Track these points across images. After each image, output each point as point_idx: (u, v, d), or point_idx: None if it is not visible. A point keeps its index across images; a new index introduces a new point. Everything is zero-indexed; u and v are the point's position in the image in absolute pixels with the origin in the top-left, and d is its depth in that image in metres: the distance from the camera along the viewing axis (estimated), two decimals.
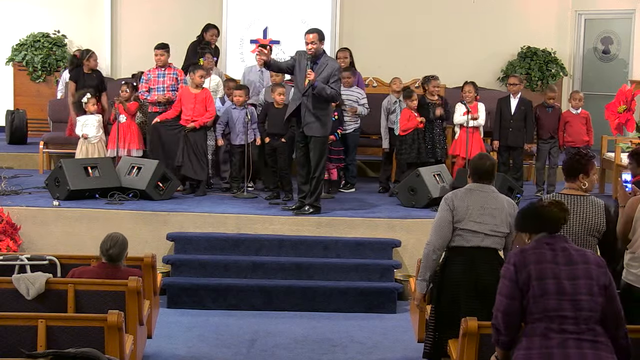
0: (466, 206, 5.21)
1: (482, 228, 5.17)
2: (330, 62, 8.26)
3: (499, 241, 5.21)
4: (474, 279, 5.16)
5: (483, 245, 5.18)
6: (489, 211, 5.18)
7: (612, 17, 13.29)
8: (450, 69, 12.03)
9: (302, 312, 7.59)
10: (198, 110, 9.20)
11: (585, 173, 5.11)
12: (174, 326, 7.08)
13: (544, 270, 3.77)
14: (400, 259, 8.16)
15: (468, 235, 5.20)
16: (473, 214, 5.19)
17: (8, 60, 12.79)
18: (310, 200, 8.35)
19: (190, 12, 12.98)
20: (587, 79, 13.43)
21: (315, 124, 8.14)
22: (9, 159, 10.93)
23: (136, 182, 8.87)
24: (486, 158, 5.39)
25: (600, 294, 3.72)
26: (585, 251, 3.89)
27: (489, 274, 5.12)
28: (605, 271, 3.78)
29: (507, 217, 5.18)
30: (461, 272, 5.19)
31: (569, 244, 3.90)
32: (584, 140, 9.58)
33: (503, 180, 8.83)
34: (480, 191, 5.26)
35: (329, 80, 8.08)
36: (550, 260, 3.78)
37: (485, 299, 5.09)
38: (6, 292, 5.34)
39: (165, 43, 9.60)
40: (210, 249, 8.05)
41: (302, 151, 8.34)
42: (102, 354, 4.71)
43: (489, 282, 5.10)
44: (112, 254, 5.61)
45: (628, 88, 9.64)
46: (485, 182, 5.30)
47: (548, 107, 9.74)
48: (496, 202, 5.21)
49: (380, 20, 13.03)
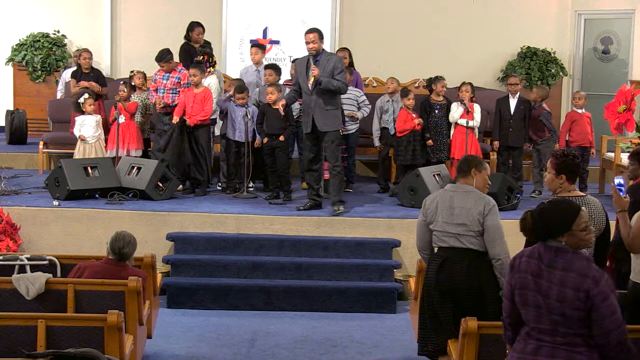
0: (435, 207, 5.27)
1: (452, 228, 5.19)
2: (331, 56, 8.41)
3: (475, 241, 5.16)
4: (443, 279, 5.18)
5: (457, 245, 5.18)
6: (458, 211, 5.19)
7: (612, 17, 13.29)
8: (450, 69, 12.01)
9: (302, 312, 7.59)
10: (196, 109, 9.20)
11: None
12: (173, 326, 7.08)
13: (527, 282, 3.77)
14: (400, 259, 8.17)
15: (441, 235, 5.25)
16: (442, 215, 5.23)
17: (8, 60, 12.79)
18: (337, 197, 8.45)
19: (190, 12, 12.94)
20: (586, 79, 13.43)
21: (329, 119, 8.25)
22: (8, 159, 10.93)
23: (136, 182, 8.88)
24: (465, 155, 5.61)
25: (580, 306, 3.64)
26: (574, 258, 3.70)
27: (461, 275, 5.13)
28: (589, 279, 3.62)
29: (475, 215, 5.15)
30: (433, 273, 5.25)
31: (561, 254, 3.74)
32: (589, 140, 9.52)
33: (503, 180, 8.83)
34: (452, 191, 5.29)
35: (334, 73, 8.19)
36: (534, 272, 3.75)
37: (456, 300, 5.11)
38: (6, 292, 5.34)
39: (162, 52, 9.45)
40: (210, 249, 8.05)
41: (313, 151, 8.41)
42: (102, 354, 4.71)
43: (460, 283, 5.12)
44: (125, 252, 5.64)
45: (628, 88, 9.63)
46: (462, 178, 5.31)
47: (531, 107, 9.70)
48: (465, 201, 5.20)
49: (380, 20, 13.02)
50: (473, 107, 9.57)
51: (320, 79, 8.10)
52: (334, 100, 8.31)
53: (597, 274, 3.64)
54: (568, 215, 3.75)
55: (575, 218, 3.74)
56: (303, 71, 8.30)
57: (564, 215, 3.75)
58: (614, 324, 3.59)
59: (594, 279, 3.62)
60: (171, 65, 9.50)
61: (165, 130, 9.42)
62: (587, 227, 3.76)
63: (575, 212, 3.75)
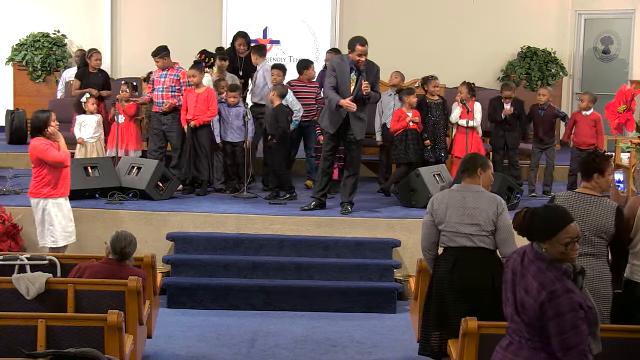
0: (445, 207, 5.28)
1: (464, 229, 5.21)
2: (372, 66, 8.35)
3: (487, 240, 5.21)
4: (457, 278, 5.20)
5: (470, 245, 5.21)
6: (470, 211, 5.21)
7: (612, 17, 13.29)
8: (450, 69, 12.03)
9: (302, 312, 7.59)
10: (199, 108, 9.20)
11: (600, 172, 5.09)
12: (173, 326, 7.08)
13: (507, 280, 3.80)
14: (400, 259, 8.17)
15: (452, 236, 5.26)
16: (453, 215, 5.24)
17: (8, 60, 12.80)
18: (349, 198, 8.52)
19: (190, 12, 13.00)
20: (587, 79, 13.43)
21: (362, 126, 8.37)
22: (8, 159, 10.93)
23: (136, 182, 8.88)
24: (469, 154, 5.57)
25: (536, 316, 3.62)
26: (546, 269, 3.65)
27: (474, 274, 5.16)
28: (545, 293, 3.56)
29: (490, 215, 5.19)
30: (445, 272, 5.27)
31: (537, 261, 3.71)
32: (589, 143, 9.47)
33: (503, 180, 8.83)
34: (462, 191, 5.31)
35: (374, 84, 8.31)
36: (514, 271, 3.77)
37: (471, 299, 5.13)
38: (6, 292, 5.34)
39: (160, 47, 9.46)
40: (210, 248, 8.05)
41: (333, 151, 8.48)
42: (102, 354, 4.71)
43: (473, 282, 5.13)
44: (127, 252, 5.67)
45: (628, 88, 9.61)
46: (468, 177, 5.33)
47: (540, 108, 9.71)
48: (476, 201, 5.23)
49: (380, 20, 13.02)
50: (473, 106, 9.59)
51: (370, 94, 8.20)
52: (365, 108, 8.42)
53: (557, 290, 3.57)
54: (554, 224, 3.67)
55: (560, 230, 3.65)
56: (345, 75, 8.22)
57: (551, 223, 3.68)
58: (561, 344, 3.53)
59: (551, 294, 3.56)
60: (166, 63, 9.45)
61: (162, 130, 9.41)
62: (572, 242, 3.64)
63: (563, 224, 3.66)
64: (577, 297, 3.58)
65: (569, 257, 3.67)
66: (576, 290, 3.64)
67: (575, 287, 3.66)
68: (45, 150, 7.04)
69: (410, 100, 9.43)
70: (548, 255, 3.67)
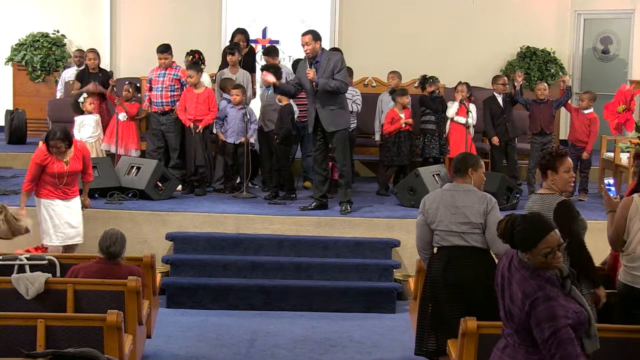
0: (436, 207, 5.30)
1: (456, 227, 5.24)
2: (331, 55, 8.35)
3: (479, 238, 5.23)
4: (451, 277, 5.22)
5: (462, 244, 5.23)
6: (461, 210, 5.24)
7: (611, 17, 13.29)
8: (450, 69, 12.02)
9: (302, 312, 7.59)
10: (200, 109, 9.19)
11: (554, 170, 4.97)
12: (173, 326, 7.08)
13: (497, 284, 3.82)
14: (400, 259, 8.17)
15: (444, 235, 5.29)
16: (444, 214, 5.26)
17: (7, 60, 12.80)
18: (345, 198, 8.46)
19: (190, 12, 12.99)
20: (586, 79, 13.42)
21: (334, 119, 8.23)
22: (8, 159, 10.93)
23: (135, 181, 8.88)
24: (460, 154, 5.63)
25: (522, 323, 3.64)
26: (529, 277, 3.65)
27: (467, 273, 5.17)
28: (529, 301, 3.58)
29: (480, 212, 5.21)
30: (439, 271, 5.28)
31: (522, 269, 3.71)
32: (581, 141, 9.46)
33: (502, 180, 8.83)
34: (452, 190, 5.34)
35: (334, 72, 8.16)
36: (503, 276, 3.77)
37: (465, 298, 5.13)
38: (5, 292, 5.35)
39: (167, 45, 9.53)
40: (210, 248, 8.05)
41: (319, 151, 8.41)
42: (102, 354, 4.71)
43: (467, 281, 5.14)
44: (112, 251, 5.63)
45: (627, 88, 9.61)
46: (460, 177, 5.36)
47: (541, 102, 9.70)
48: (467, 200, 5.26)
49: (379, 20, 13.02)
50: (469, 106, 9.65)
51: (316, 81, 8.09)
52: (337, 99, 8.28)
53: (538, 299, 3.57)
54: (532, 236, 3.63)
55: (538, 241, 3.61)
56: (303, 73, 8.29)
57: (529, 234, 3.64)
58: (546, 351, 3.54)
59: (532, 302, 3.57)
60: (168, 62, 9.47)
61: (161, 131, 9.40)
62: (552, 252, 3.61)
63: (541, 235, 3.62)
64: (557, 304, 3.57)
65: (551, 266, 3.65)
66: (559, 296, 3.61)
67: (560, 294, 3.63)
68: (32, 159, 7.26)
69: (402, 101, 9.47)
70: (531, 263, 3.66)
